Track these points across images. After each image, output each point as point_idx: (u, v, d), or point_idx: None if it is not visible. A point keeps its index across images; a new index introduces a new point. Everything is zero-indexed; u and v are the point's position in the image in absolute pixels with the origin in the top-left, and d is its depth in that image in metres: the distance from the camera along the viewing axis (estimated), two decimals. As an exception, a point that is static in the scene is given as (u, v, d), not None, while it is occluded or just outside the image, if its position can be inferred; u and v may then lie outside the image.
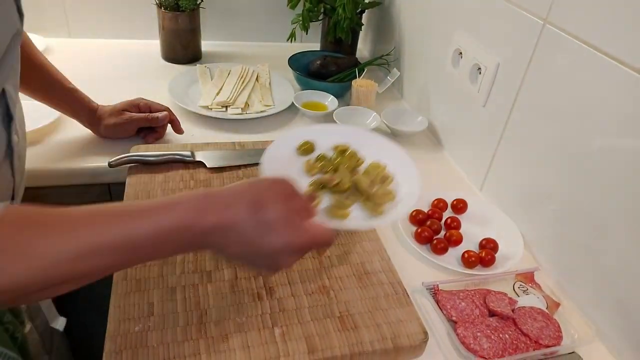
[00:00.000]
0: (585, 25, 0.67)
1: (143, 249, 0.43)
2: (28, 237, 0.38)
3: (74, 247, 0.40)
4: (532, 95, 0.78)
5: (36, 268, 0.38)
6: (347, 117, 1.09)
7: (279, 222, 0.47)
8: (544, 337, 0.64)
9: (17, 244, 0.38)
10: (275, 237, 0.47)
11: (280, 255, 0.48)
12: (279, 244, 0.47)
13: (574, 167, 0.71)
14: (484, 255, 0.75)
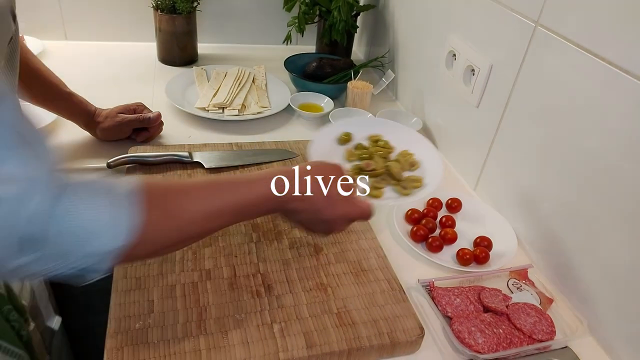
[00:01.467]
0: (576, 28, 0.69)
1: (247, 210, 0.55)
2: (171, 200, 0.48)
3: (205, 209, 0.50)
4: (525, 96, 0.80)
5: (178, 225, 0.48)
6: (342, 119, 1.10)
7: (340, 197, 0.59)
8: (537, 331, 0.65)
9: (164, 205, 0.47)
10: (336, 208, 0.59)
11: (337, 223, 0.61)
12: (338, 214, 0.60)
13: (565, 167, 0.72)
14: (478, 252, 0.77)
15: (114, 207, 0.42)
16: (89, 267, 0.42)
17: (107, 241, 0.41)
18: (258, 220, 0.77)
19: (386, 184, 0.75)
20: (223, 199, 0.52)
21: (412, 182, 0.75)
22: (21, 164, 0.37)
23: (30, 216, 0.37)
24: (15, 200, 0.36)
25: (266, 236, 0.74)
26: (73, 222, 0.39)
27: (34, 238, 0.38)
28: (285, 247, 0.73)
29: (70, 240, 0.40)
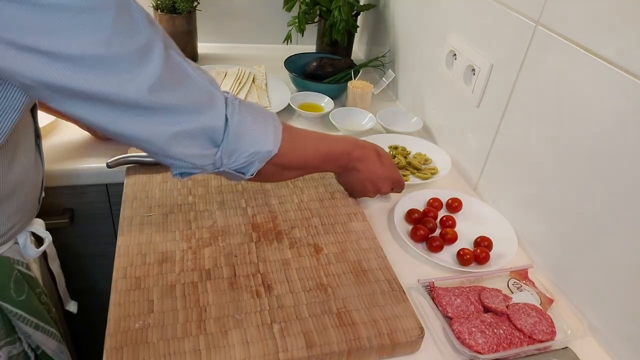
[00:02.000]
0: (576, 27, 0.69)
1: (333, 158, 0.72)
2: (295, 132, 0.66)
3: (312, 146, 0.69)
4: (525, 95, 0.80)
5: (298, 150, 0.66)
6: (343, 118, 1.10)
7: (388, 161, 0.79)
8: (538, 332, 0.65)
9: (291, 132, 0.64)
10: (385, 169, 0.78)
11: (383, 181, 0.79)
12: (386, 173, 0.78)
13: (566, 166, 0.72)
14: (478, 252, 0.77)
15: (270, 123, 0.61)
16: (246, 166, 0.60)
17: (266, 145, 0.59)
18: (258, 219, 0.77)
19: (409, 173, 0.97)
20: (323, 144, 0.70)
21: (429, 170, 0.97)
22: (207, 80, 0.55)
23: (219, 119, 0.55)
24: (212, 106, 0.54)
25: (266, 236, 0.74)
26: (246, 127, 0.57)
27: (218, 135, 0.56)
28: (285, 247, 0.73)
29: (243, 141, 0.57)
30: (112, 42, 0.43)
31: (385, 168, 0.77)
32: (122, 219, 0.74)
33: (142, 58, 0.46)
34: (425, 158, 1.01)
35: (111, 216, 1.00)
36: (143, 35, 0.46)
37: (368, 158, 0.75)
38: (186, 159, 0.56)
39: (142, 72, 0.46)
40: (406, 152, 1.02)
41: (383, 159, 0.77)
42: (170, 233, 0.72)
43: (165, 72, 0.48)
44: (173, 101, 0.50)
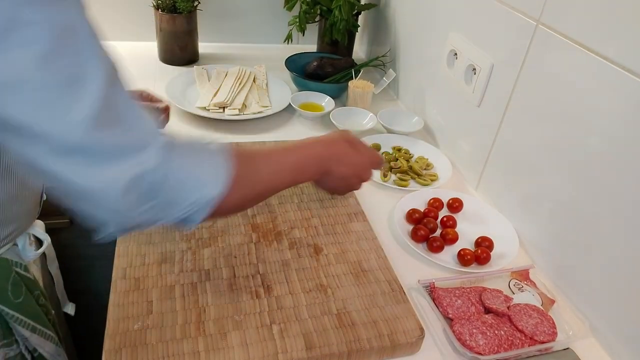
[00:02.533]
0: (577, 26, 0.68)
1: (304, 167, 0.63)
2: (252, 158, 0.56)
3: (276, 167, 0.59)
4: (526, 95, 0.79)
5: (258, 179, 0.56)
6: (343, 118, 1.09)
7: (363, 146, 0.70)
8: (539, 333, 0.65)
9: (247, 162, 0.55)
10: (361, 155, 0.69)
11: (364, 169, 0.70)
12: (364, 159, 0.70)
13: (567, 166, 0.72)
14: (479, 253, 0.76)
15: (212, 162, 0.50)
16: (190, 216, 0.49)
17: (208, 190, 0.48)
18: (258, 220, 0.77)
19: (410, 178, 0.95)
20: (287, 157, 0.61)
21: (430, 176, 0.96)
22: (142, 123, 0.46)
23: (152, 168, 0.44)
24: (141, 154, 0.44)
25: (266, 237, 0.74)
26: (182, 174, 0.47)
27: (152, 188, 0.45)
28: (285, 248, 0.72)
29: (180, 189, 0.47)
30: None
31: (361, 154, 0.70)
32: (121, 220, 0.74)
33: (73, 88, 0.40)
34: (427, 163, 1.01)
35: (111, 216, 0.99)
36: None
37: (341, 152, 0.68)
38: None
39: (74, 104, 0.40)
40: (409, 156, 1.02)
41: (356, 146, 0.70)
42: (170, 233, 0.72)
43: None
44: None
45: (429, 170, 1.00)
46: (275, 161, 0.60)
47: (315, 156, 0.65)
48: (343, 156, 0.67)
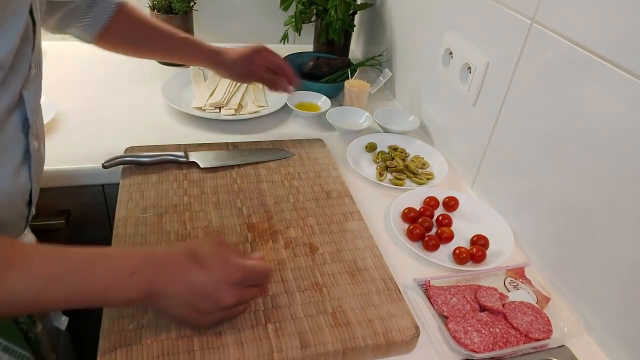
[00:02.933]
0: (572, 25, 0.68)
1: (110, 288, 0.50)
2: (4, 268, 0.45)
3: (30, 284, 0.46)
4: (521, 93, 0.79)
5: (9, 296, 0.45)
6: (340, 117, 1.10)
7: (213, 260, 0.55)
8: (534, 330, 0.65)
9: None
10: (215, 270, 0.55)
11: (219, 289, 0.54)
12: (219, 275, 0.55)
13: (563, 164, 0.72)
14: (474, 251, 0.76)
15: None
16: None
17: None
18: (253, 219, 0.77)
19: (406, 177, 0.95)
20: (67, 270, 0.48)
21: (425, 175, 0.96)
22: None
23: None
24: None
25: (261, 236, 0.74)
26: None
27: None
28: (281, 247, 0.72)
29: None
30: None
31: (214, 268, 0.54)
32: (117, 220, 0.74)
33: None
34: (422, 162, 1.01)
35: (108, 217, 0.99)
36: None
37: (174, 266, 0.53)
38: None
39: None
40: (405, 155, 1.02)
41: (205, 259, 0.54)
42: (165, 234, 0.72)
43: None
44: None
45: (425, 169, 1.00)
46: (37, 272, 0.46)
47: (125, 271, 0.50)
48: (176, 271, 0.52)
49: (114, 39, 0.89)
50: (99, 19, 0.84)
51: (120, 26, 0.87)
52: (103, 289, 0.49)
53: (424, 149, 1.04)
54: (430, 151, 1.03)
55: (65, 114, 1.02)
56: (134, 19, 0.89)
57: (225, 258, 0.56)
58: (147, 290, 0.51)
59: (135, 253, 0.53)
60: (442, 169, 0.98)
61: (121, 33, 0.88)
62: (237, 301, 0.55)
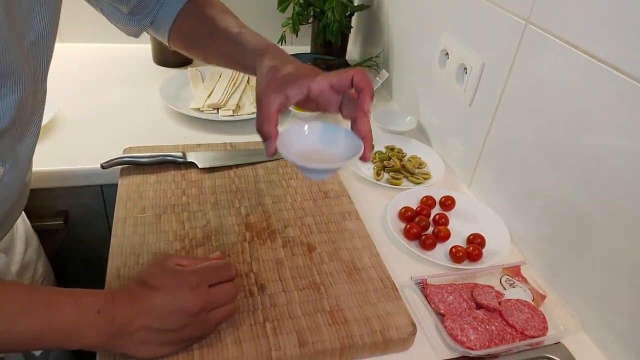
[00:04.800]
0: (567, 25, 0.69)
1: (62, 332, 0.48)
2: None
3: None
4: (517, 94, 0.80)
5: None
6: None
7: (162, 276, 0.54)
8: (530, 328, 0.66)
9: None
10: (166, 288, 0.52)
11: (180, 300, 0.52)
12: (171, 290, 0.52)
13: (558, 165, 0.73)
14: (471, 250, 0.77)
15: None
16: None
17: None
18: (251, 219, 0.77)
19: (403, 177, 0.96)
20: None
21: (422, 175, 0.97)
22: None
23: None
24: None
25: (259, 235, 0.74)
26: None
27: None
28: (279, 246, 0.73)
29: None
30: None
31: (165, 284, 0.53)
32: (115, 220, 0.74)
33: None
34: (419, 162, 1.02)
35: (106, 218, 1.00)
36: None
37: (130, 303, 0.51)
38: None
39: None
40: (402, 155, 1.03)
41: (155, 280, 0.53)
42: (164, 233, 0.72)
43: None
44: None
45: (421, 169, 1.01)
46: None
47: (92, 308, 0.49)
48: (133, 304, 0.51)
49: (183, 40, 0.75)
50: (168, 15, 0.73)
51: (187, 23, 0.74)
52: (71, 328, 0.48)
53: (420, 149, 1.04)
54: (427, 151, 1.04)
55: (63, 114, 1.03)
56: (202, 14, 0.72)
57: (173, 269, 0.55)
58: (112, 330, 0.49)
59: (99, 292, 0.52)
60: (438, 168, 0.98)
61: (188, 32, 0.74)
62: (203, 304, 0.53)
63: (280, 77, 0.57)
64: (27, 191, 0.68)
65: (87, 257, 1.04)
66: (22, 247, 0.75)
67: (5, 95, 0.51)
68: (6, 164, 0.56)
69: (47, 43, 0.56)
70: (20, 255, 0.73)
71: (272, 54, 0.62)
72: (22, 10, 0.51)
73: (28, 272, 0.76)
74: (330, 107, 0.60)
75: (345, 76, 0.56)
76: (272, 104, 0.55)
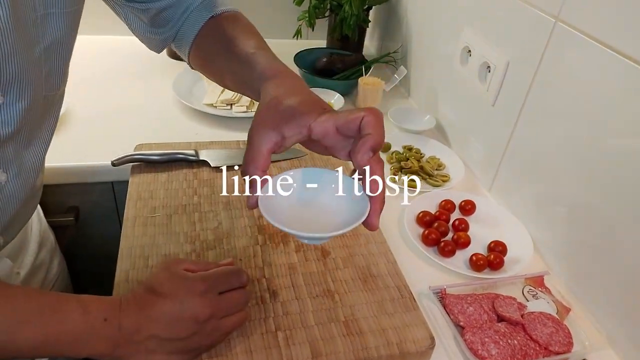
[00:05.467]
0: (598, 23, 0.65)
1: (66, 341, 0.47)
2: None
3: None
4: (543, 94, 0.76)
5: None
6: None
7: (170, 283, 0.51)
8: (554, 343, 0.62)
9: None
10: (174, 295, 0.50)
11: (188, 307, 0.50)
12: (179, 298, 0.50)
13: (585, 168, 0.69)
14: (492, 258, 0.74)
15: None
16: None
17: None
18: (264, 222, 0.75)
19: (421, 179, 0.92)
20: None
21: (441, 177, 0.94)
22: None
23: None
24: None
25: (272, 239, 0.72)
26: None
27: None
28: (292, 251, 0.70)
29: None
30: None
31: (173, 291, 0.50)
32: (125, 220, 0.72)
33: None
34: (438, 163, 0.98)
35: (117, 214, 0.98)
36: None
37: (136, 310, 0.49)
38: None
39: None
40: (420, 155, 0.99)
41: (163, 287, 0.51)
42: (174, 235, 0.70)
43: None
44: None
45: (440, 170, 0.97)
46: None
47: (99, 315, 0.47)
48: (139, 311, 0.49)
49: (202, 59, 0.67)
50: (190, 30, 0.66)
51: (207, 40, 0.66)
52: (77, 335, 0.46)
53: (439, 150, 1.01)
54: (446, 152, 1.00)
55: (75, 109, 1.01)
56: (223, 31, 0.64)
57: (181, 275, 0.52)
58: (118, 338, 0.47)
59: (105, 298, 0.49)
60: (458, 170, 0.95)
61: (207, 50, 0.66)
62: (212, 311, 0.51)
63: (279, 110, 0.47)
64: (37, 196, 0.66)
65: (97, 254, 1.03)
66: (35, 248, 0.73)
67: (10, 103, 0.49)
68: (9, 171, 0.53)
69: (63, 47, 0.54)
70: (32, 257, 0.72)
71: (279, 81, 0.53)
72: (36, 15, 0.48)
73: (40, 273, 0.74)
74: (338, 152, 0.49)
75: (353, 117, 0.45)
76: (265, 142, 0.46)
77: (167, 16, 0.67)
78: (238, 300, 0.54)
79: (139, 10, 0.65)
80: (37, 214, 0.77)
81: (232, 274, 0.55)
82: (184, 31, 0.67)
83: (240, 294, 0.55)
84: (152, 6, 0.64)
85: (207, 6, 0.67)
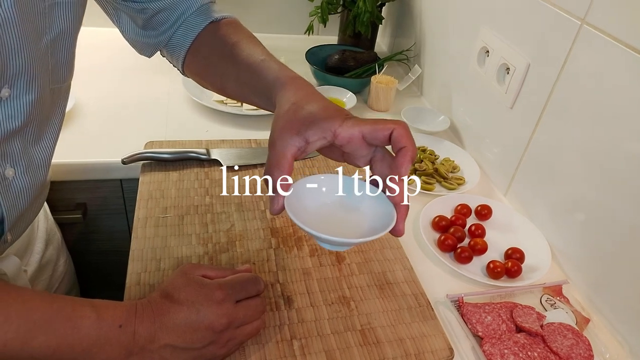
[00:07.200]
0: (626, 27, 0.63)
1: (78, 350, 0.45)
2: None
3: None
4: (566, 98, 0.74)
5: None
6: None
7: (187, 290, 0.50)
8: (575, 355, 0.61)
9: None
10: (190, 303, 0.49)
11: (204, 316, 0.48)
12: (195, 306, 0.49)
13: (606, 175, 0.67)
14: (510, 265, 0.72)
15: None
16: None
17: None
18: (277, 223, 0.73)
19: (435, 182, 0.90)
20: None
21: (456, 180, 0.91)
22: None
23: None
24: None
25: (285, 242, 0.70)
26: None
27: None
28: (306, 255, 0.69)
29: None
30: None
31: (190, 298, 0.49)
32: (136, 220, 0.71)
33: None
34: (453, 165, 0.96)
35: (125, 212, 0.97)
36: None
37: (152, 317, 0.48)
38: None
39: None
40: (434, 157, 0.97)
41: (180, 294, 0.49)
42: (187, 237, 0.69)
43: None
44: None
45: (455, 173, 0.95)
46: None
47: (113, 322, 0.46)
48: (155, 318, 0.48)
49: (199, 65, 0.66)
50: (187, 36, 0.65)
51: (206, 46, 0.65)
52: (91, 342, 0.44)
53: (453, 151, 0.99)
54: (461, 154, 0.98)
55: (84, 103, 0.99)
56: (224, 37, 0.63)
57: (198, 282, 0.51)
58: (132, 346, 0.46)
59: (120, 304, 0.48)
60: (473, 173, 0.93)
61: (206, 56, 0.65)
62: (229, 320, 0.49)
63: (301, 116, 0.47)
64: (45, 192, 0.65)
65: (104, 251, 1.01)
66: (42, 246, 0.72)
67: (17, 96, 0.48)
68: (17, 166, 0.52)
69: (69, 39, 0.53)
70: (39, 255, 0.70)
71: (296, 87, 0.52)
72: (44, 5, 0.47)
73: (46, 272, 0.73)
74: (358, 160, 0.49)
75: (382, 127, 0.45)
76: (289, 147, 0.45)
77: (161, 19, 0.65)
78: (255, 309, 0.53)
79: (135, 10, 0.64)
80: (43, 210, 0.75)
81: (250, 282, 0.54)
82: (179, 36, 0.66)
83: (257, 302, 0.53)
84: (149, 6, 0.63)
85: (204, 13, 0.66)
